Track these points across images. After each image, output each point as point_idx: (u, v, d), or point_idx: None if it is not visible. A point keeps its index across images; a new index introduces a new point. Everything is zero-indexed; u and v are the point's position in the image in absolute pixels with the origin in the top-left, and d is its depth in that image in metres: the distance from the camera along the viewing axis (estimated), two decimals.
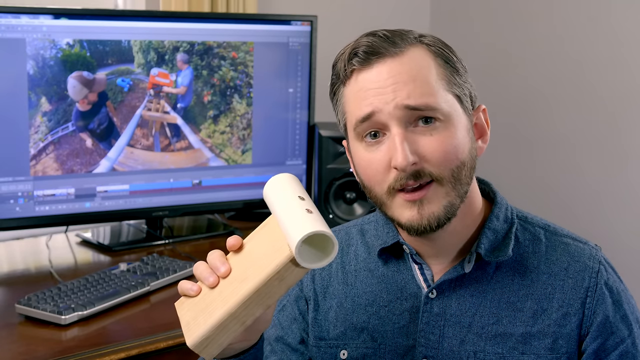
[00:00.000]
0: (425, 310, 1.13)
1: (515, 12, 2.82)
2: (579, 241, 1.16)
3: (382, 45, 1.07)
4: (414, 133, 1.05)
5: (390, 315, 1.16)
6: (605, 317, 1.10)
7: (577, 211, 2.64)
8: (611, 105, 2.53)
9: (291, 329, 1.24)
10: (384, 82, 1.05)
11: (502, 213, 1.15)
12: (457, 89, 1.09)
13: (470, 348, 1.11)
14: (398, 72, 1.05)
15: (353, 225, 1.27)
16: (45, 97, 2.00)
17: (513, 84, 2.79)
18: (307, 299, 1.24)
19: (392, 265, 1.18)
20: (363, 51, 1.07)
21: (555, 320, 1.10)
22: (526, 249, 1.14)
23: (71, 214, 2.09)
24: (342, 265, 1.23)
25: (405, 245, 1.15)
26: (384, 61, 1.06)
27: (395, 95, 1.04)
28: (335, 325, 1.20)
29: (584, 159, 2.62)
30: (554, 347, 1.09)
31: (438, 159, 1.05)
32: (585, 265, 1.12)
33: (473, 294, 1.12)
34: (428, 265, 1.15)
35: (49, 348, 1.51)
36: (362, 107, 1.07)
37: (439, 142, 1.05)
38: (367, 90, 1.06)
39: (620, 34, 2.49)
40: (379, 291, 1.18)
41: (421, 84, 1.05)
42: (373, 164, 1.08)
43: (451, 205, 1.07)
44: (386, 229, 1.18)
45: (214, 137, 2.25)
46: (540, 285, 1.12)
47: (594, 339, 1.10)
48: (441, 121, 1.06)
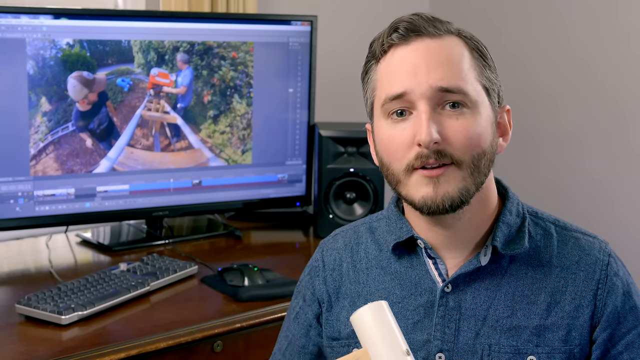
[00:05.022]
0: (441, 304, 1.14)
1: (515, 11, 2.82)
2: (588, 235, 1.18)
3: (423, 24, 1.10)
4: (440, 115, 1.07)
5: (404, 311, 1.16)
6: (615, 307, 1.12)
7: (583, 210, 2.63)
8: (617, 103, 2.53)
9: (309, 336, 1.25)
10: (419, 60, 1.08)
11: (514, 208, 1.17)
12: (487, 82, 1.12)
13: (485, 341, 1.12)
14: (433, 53, 1.08)
15: (361, 224, 1.28)
16: (45, 97, 2.00)
17: (514, 83, 2.79)
18: (321, 302, 1.24)
19: (405, 261, 1.18)
20: (404, 27, 1.09)
21: (569, 313, 1.12)
22: (538, 243, 1.16)
23: (71, 214, 2.09)
24: (353, 264, 1.23)
25: (419, 240, 1.16)
26: (422, 40, 1.09)
27: (428, 76, 1.07)
28: (346, 325, 1.20)
29: (590, 157, 2.62)
30: (567, 339, 1.11)
31: (461, 143, 1.07)
32: (596, 258, 1.14)
33: (488, 288, 1.13)
34: (442, 260, 1.15)
35: (49, 348, 1.51)
36: (395, 86, 1.09)
37: (464, 127, 1.07)
38: (402, 68, 1.09)
39: (627, 31, 2.48)
40: (392, 288, 1.18)
41: (454, 68, 1.08)
42: (396, 139, 1.09)
43: (466, 190, 1.08)
44: (399, 224, 1.19)
45: (214, 137, 2.25)
46: (553, 278, 1.13)
47: (603, 329, 1.11)
48: (468, 107, 1.08)
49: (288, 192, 2.38)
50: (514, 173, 2.81)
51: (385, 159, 1.12)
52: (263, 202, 2.36)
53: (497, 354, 1.11)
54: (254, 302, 1.76)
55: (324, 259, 1.26)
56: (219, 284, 1.85)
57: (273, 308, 1.73)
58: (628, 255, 2.39)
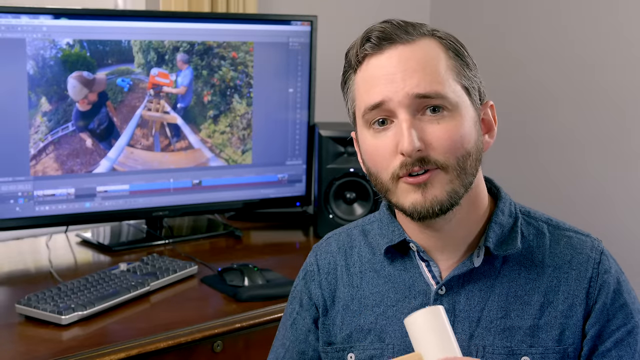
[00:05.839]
0: None
1: (516, 10, 2.82)
2: (580, 234, 1.18)
3: (395, 32, 1.09)
4: (421, 121, 1.07)
5: (398, 314, 1.16)
6: (604, 304, 1.12)
7: (583, 209, 2.63)
8: (617, 103, 2.53)
9: (307, 341, 1.25)
10: (394, 69, 1.07)
11: (506, 208, 1.17)
12: (466, 81, 1.11)
13: (480, 342, 1.12)
14: (407, 59, 1.07)
15: (354, 227, 1.27)
16: (45, 97, 2.00)
17: (515, 83, 2.79)
18: (318, 306, 1.24)
19: (398, 264, 1.18)
20: (376, 36, 1.09)
21: (562, 312, 1.11)
22: (531, 243, 1.15)
23: (71, 214, 2.09)
24: (347, 267, 1.23)
25: (412, 243, 1.15)
26: (395, 47, 1.08)
27: (405, 84, 1.06)
28: (341, 329, 1.20)
29: (590, 157, 2.62)
30: (561, 339, 1.11)
31: (444, 147, 1.06)
32: (588, 257, 1.14)
33: (481, 289, 1.13)
34: (435, 262, 1.15)
35: (49, 348, 1.50)
36: (372, 95, 1.08)
37: (446, 131, 1.06)
38: (378, 77, 1.08)
39: (627, 31, 2.48)
40: (386, 291, 1.18)
41: (430, 72, 1.07)
42: (380, 150, 1.09)
43: (455, 192, 1.08)
44: (391, 227, 1.18)
45: (214, 137, 2.25)
46: (546, 278, 1.13)
47: (592, 325, 1.11)
48: (449, 110, 1.07)
49: (288, 192, 2.38)
50: (514, 173, 2.82)
51: (372, 169, 1.12)
52: (263, 202, 2.36)
53: (492, 355, 1.11)
54: (254, 302, 1.76)
55: (319, 263, 1.26)
56: (219, 284, 1.85)
57: (273, 308, 1.73)
58: (628, 255, 2.40)
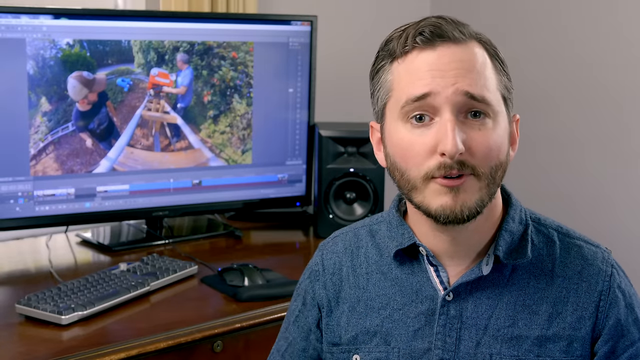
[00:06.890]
0: (442, 312, 1.12)
1: (515, 10, 2.82)
2: (591, 244, 1.16)
3: (449, 30, 1.07)
4: (464, 124, 1.05)
5: (404, 318, 1.15)
6: (617, 320, 1.10)
7: (583, 210, 2.63)
8: (617, 103, 2.53)
9: (308, 340, 1.25)
10: (446, 66, 1.05)
11: (517, 215, 1.15)
12: (505, 90, 1.10)
13: (486, 350, 1.11)
14: (460, 60, 1.05)
15: (361, 227, 1.26)
16: (45, 97, 2.00)
17: (515, 83, 2.78)
18: (321, 307, 1.23)
19: (406, 267, 1.17)
20: (430, 31, 1.06)
21: (570, 324, 1.10)
22: (541, 252, 1.14)
23: (71, 214, 2.09)
24: (353, 268, 1.22)
25: (421, 247, 1.14)
26: (447, 46, 1.06)
27: (456, 80, 1.04)
28: (347, 330, 1.19)
29: (590, 157, 2.61)
30: (568, 350, 1.10)
31: (482, 154, 1.05)
32: (599, 269, 1.13)
33: (489, 297, 1.12)
34: (444, 268, 1.14)
35: (49, 348, 1.50)
36: (418, 86, 1.05)
37: (486, 138, 1.05)
38: (426, 71, 1.05)
39: (627, 31, 2.48)
40: (393, 294, 1.17)
41: (481, 76, 1.06)
42: (415, 146, 1.06)
43: (482, 200, 1.07)
44: (401, 230, 1.17)
45: (214, 137, 2.25)
46: (555, 288, 1.12)
47: (605, 342, 1.10)
48: (490, 118, 1.06)
49: (288, 192, 2.38)
50: (514, 172, 2.80)
51: (401, 164, 1.08)
52: (263, 202, 2.36)
53: None
54: (254, 302, 1.76)
55: (324, 263, 1.25)
56: (219, 284, 1.85)
57: (273, 308, 1.73)
58: (628, 256, 2.40)
